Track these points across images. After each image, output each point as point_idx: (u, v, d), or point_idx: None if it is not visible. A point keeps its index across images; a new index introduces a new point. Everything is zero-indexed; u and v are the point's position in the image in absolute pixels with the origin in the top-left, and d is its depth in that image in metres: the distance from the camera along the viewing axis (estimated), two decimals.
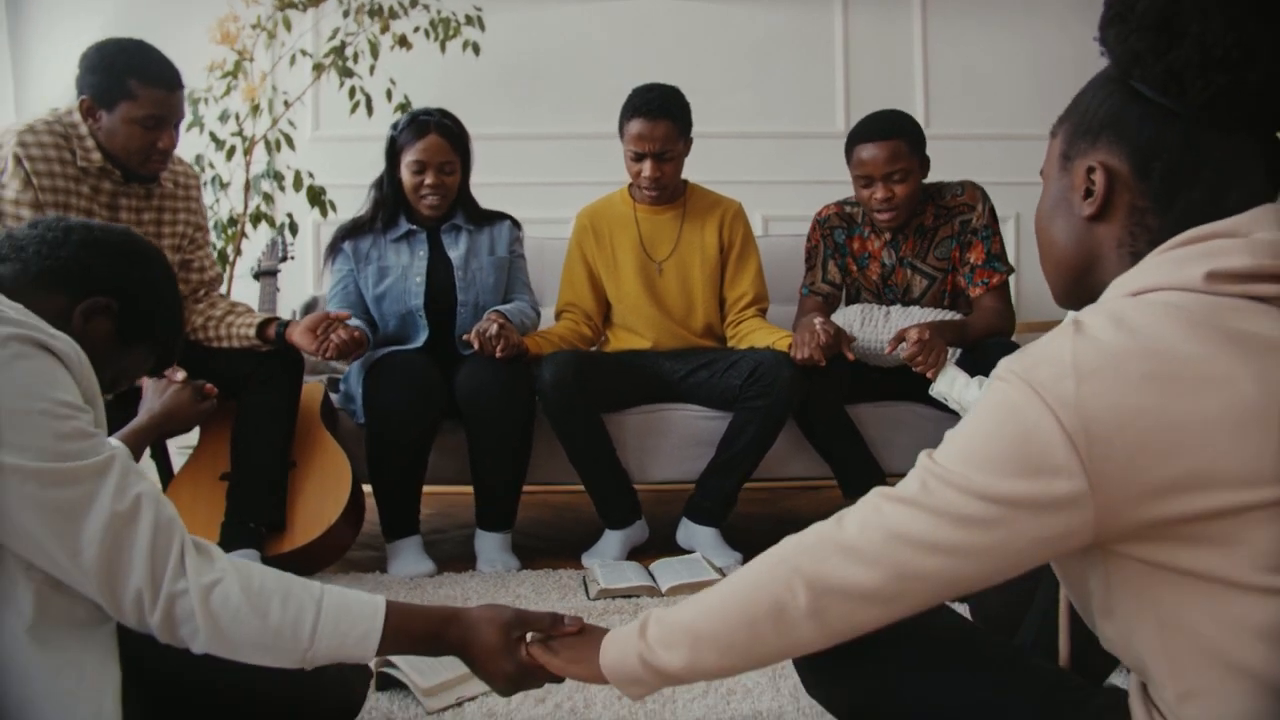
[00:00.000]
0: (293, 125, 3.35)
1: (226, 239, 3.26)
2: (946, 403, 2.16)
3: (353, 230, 2.54)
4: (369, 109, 3.22)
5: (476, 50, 3.29)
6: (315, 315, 2.23)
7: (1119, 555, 0.78)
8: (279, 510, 2.22)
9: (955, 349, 2.35)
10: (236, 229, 3.25)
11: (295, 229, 3.27)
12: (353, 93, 3.22)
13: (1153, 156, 0.81)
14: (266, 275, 2.74)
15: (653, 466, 2.52)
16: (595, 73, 3.62)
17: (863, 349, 2.45)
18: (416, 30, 3.22)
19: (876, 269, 2.60)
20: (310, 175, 3.29)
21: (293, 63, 3.27)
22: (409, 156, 2.45)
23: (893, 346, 2.30)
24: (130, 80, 2.02)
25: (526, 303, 2.59)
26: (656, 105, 2.45)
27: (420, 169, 2.45)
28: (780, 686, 1.52)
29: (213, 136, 3.21)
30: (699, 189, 2.67)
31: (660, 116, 2.44)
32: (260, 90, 3.20)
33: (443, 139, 2.45)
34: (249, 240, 3.27)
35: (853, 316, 2.53)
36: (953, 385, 2.14)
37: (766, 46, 3.76)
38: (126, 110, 2.02)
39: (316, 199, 3.29)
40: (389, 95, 3.25)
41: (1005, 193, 2.97)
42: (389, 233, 2.52)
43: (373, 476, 2.35)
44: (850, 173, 2.49)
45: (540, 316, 2.64)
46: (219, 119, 3.21)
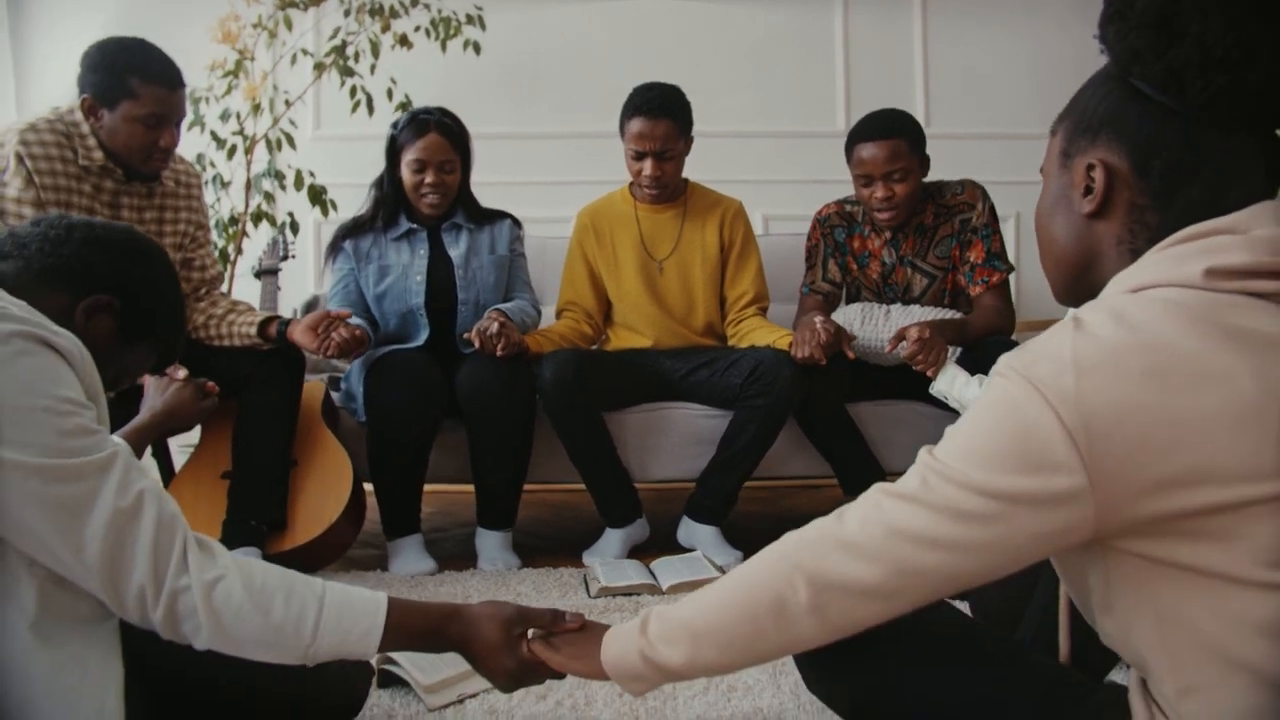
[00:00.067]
0: (293, 124, 3.35)
1: (227, 238, 3.26)
2: (947, 401, 2.16)
3: (353, 229, 2.55)
4: (370, 108, 3.22)
5: (477, 49, 3.29)
6: (316, 314, 2.23)
7: (1118, 551, 0.78)
8: (280, 508, 2.22)
9: (955, 347, 2.35)
10: (237, 228, 3.26)
11: (296, 228, 3.28)
12: (353, 92, 3.22)
13: (1152, 154, 0.82)
14: (267, 274, 2.74)
15: (653, 465, 2.52)
16: (596, 72, 3.62)
17: (863, 347, 2.46)
18: (417, 29, 3.22)
19: (877, 268, 2.60)
20: (311, 174, 3.29)
21: (294, 62, 3.27)
22: (409, 155, 2.45)
23: (893, 345, 2.30)
24: (132, 79, 2.02)
25: (527, 301, 2.59)
26: (657, 104, 2.45)
27: (420, 168, 2.45)
28: (781, 684, 1.52)
29: (214, 135, 3.21)
30: (699, 188, 2.67)
31: (661, 115, 2.44)
32: (261, 89, 3.20)
33: (443, 138, 2.45)
34: (250, 239, 3.27)
35: (853, 315, 2.53)
36: (953, 384, 2.14)
37: (767, 46, 3.76)
38: (128, 109, 2.03)
39: (317, 198, 3.29)
40: (390, 94, 3.25)
41: (1005, 192, 2.97)
42: (389, 232, 2.52)
43: (374, 475, 2.35)
44: (850, 172, 2.49)
45: (541, 315, 2.64)
46: (220, 118, 3.21)
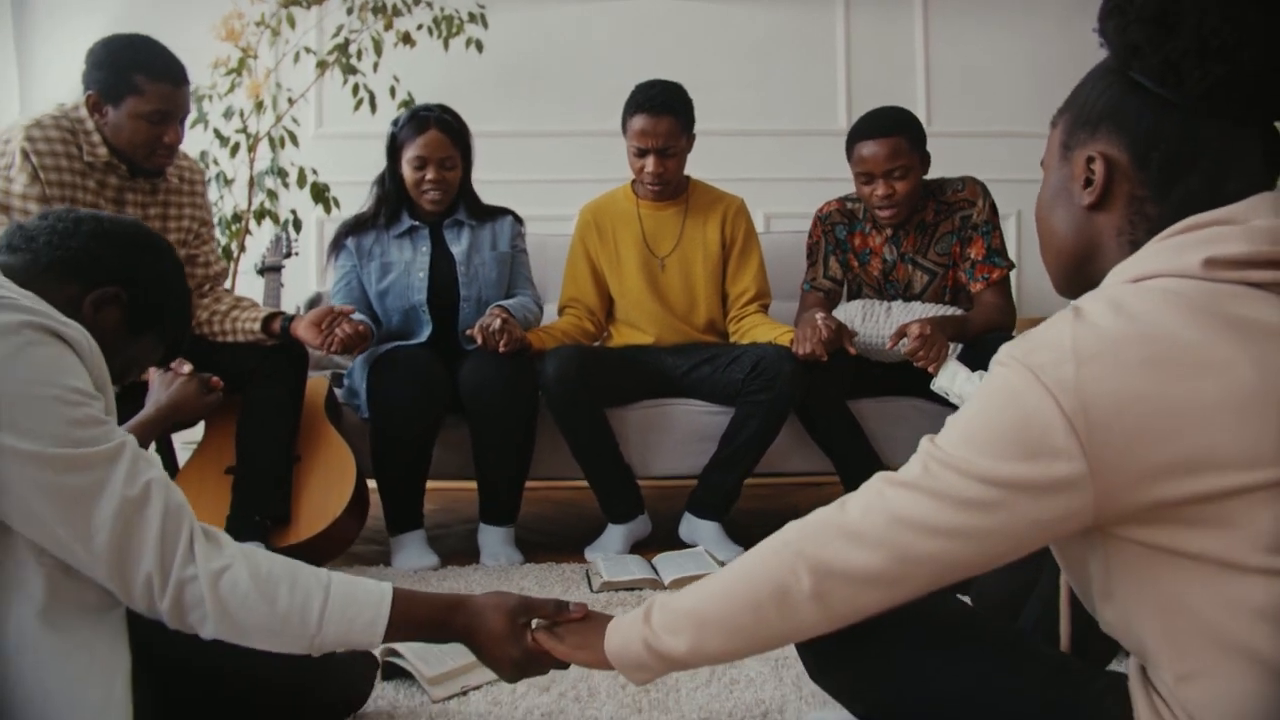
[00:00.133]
0: (296, 122, 3.36)
1: (230, 235, 3.27)
2: (948, 397, 2.17)
3: (356, 227, 2.55)
4: (372, 106, 3.23)
5: (480, 48, 3.30)
6: (320, 310, 2.24)
7: (1118, 538, 0.79)
8: (284, 503, 2.23)
9: (956, 344, 2.36)
10: (240, 225, 3.26)
11: (299, 226, 3.29)
12: (356, 90, 3.23)
13: (1151, 146, 0.82)
14: (271, 271, 2.75)
15: (655, 461, 2.53)
16: (598, 70, 3.63)
17: (864, 344, 2.46)
18: (420, 27, 3.23)
19: (878, 265, 2.60)
20: (314, 172, 3.30)
21: (296, 60, 3.28)
22: (410, 152, 2.46)
23: (894, 341, 2.31)
24: (136, 76, 2.03)
25: (529, 297, 2.59)
26: (659, 101, 2.45)
27: (421, 164, 2.46)
28: (783, 676, 1.53)
29: (217, 133, 3.22)
30: (701, 185, 2.68)
31: (663, 112, 2.45)
32: (264, 87, 3.21)
33: (443, 134, 2.46)
34: (252, 237, 3.28)
35: (854, 312, 2.53)
36: (954, 380, 2.14)
37: (768, 45, 3.76)
38: (133, 105, 2.03)
39: (320, 196, 3.30)
40: (392, 92, 3.25)
41: (1006, 190, 2.97)
42: (392, 229, 2.53)
43: (377, 471, 2.36)
44: (851, 169, 2.50)
45: (543, 311, 2.65)
46: (223, 116, 3.22)
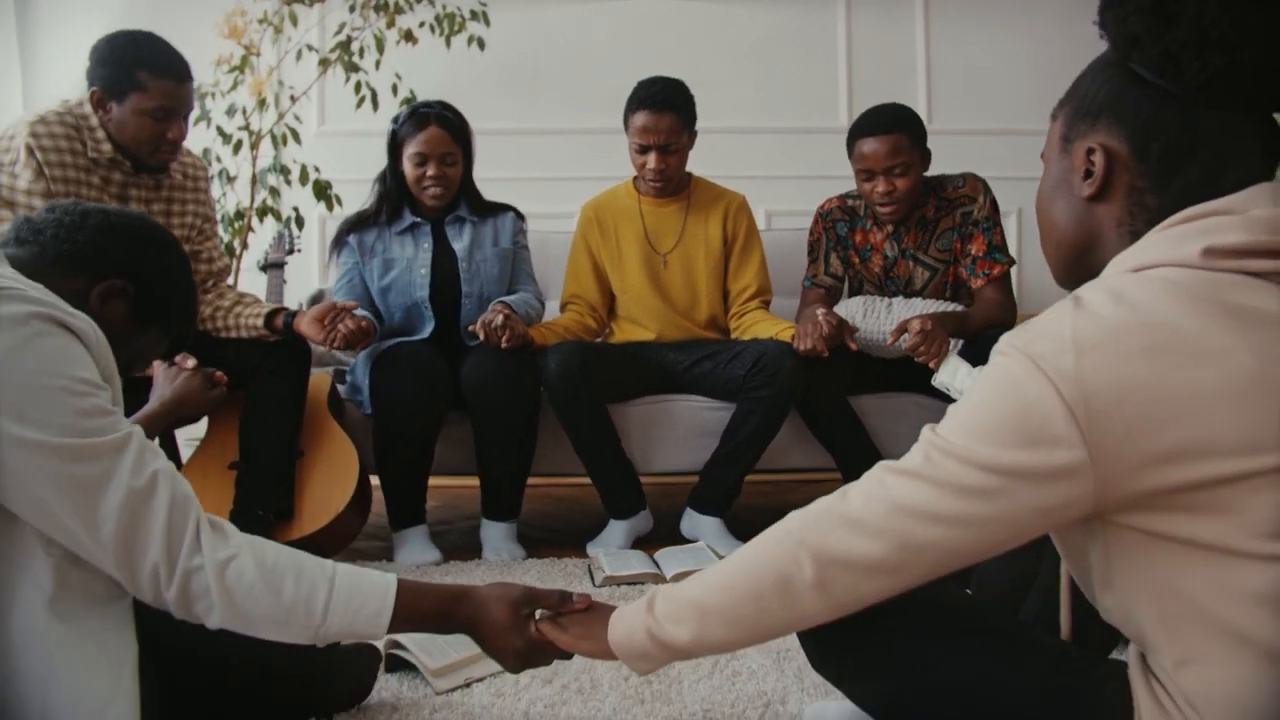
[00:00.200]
0: (299, 120, 3.37)
1: (233, 232, 3.27)
2: (949, 393, 2.17)
3: (357, 224, 2.56)
4: (374, 104, 3.23)
5: (482, 45, 3.30)
6: (323, 305, 2.24)
7: (1118, 525, 0.79)
8: (287, 499, 2.23)
9: (957, 340, 2.37)
10: (243, 223, 3.27)
11: (301, 223, 3.29)
12: (358, 88, 3.23)
13: (1151, 137, 0.83)
14: (273, 268, 2.75)
15: (657, 457, 2.53)
16: (599, 68, 3.63)
17: (865, 340, 2.47)
18: (422, 25, 3.23)
19: (879, 261, 2.61)
20: (316, 169, 3.31)
21: (299, 58, 3.28)
22: (410, 149, 2.47)
23: (895, 337, 2.32)
24: (140, 72, 2.03)
25: (531, 293, 2.60)
26: (661, 98, 2.46)
27: (422, 161, 2.46)
28: (784, 668, 1.53)
29: (219, 131, 3.23)
30: (703, 182, 2.68)
31: (665, 109, 2.45)
32: (267, 85, 3.21)
33: (443, 130, 2.46)
34: (255, 234, 3.29)
35: (855, 308, 2.54)
36: (955, 376, 2.15)
37: (769, 44, 3.77)
38: (136, 101, 2.04)
39: (322, 193, 3.31)
40: (394, 90, 3.26)
41: (1007, 187, 2.97)
42: (393, 225, 2.54)
43: (379, 467, 2.37)
44: (852, 166, 2.50)
45: (545, 307, 2.66)
46: (226, 113, 3.23)
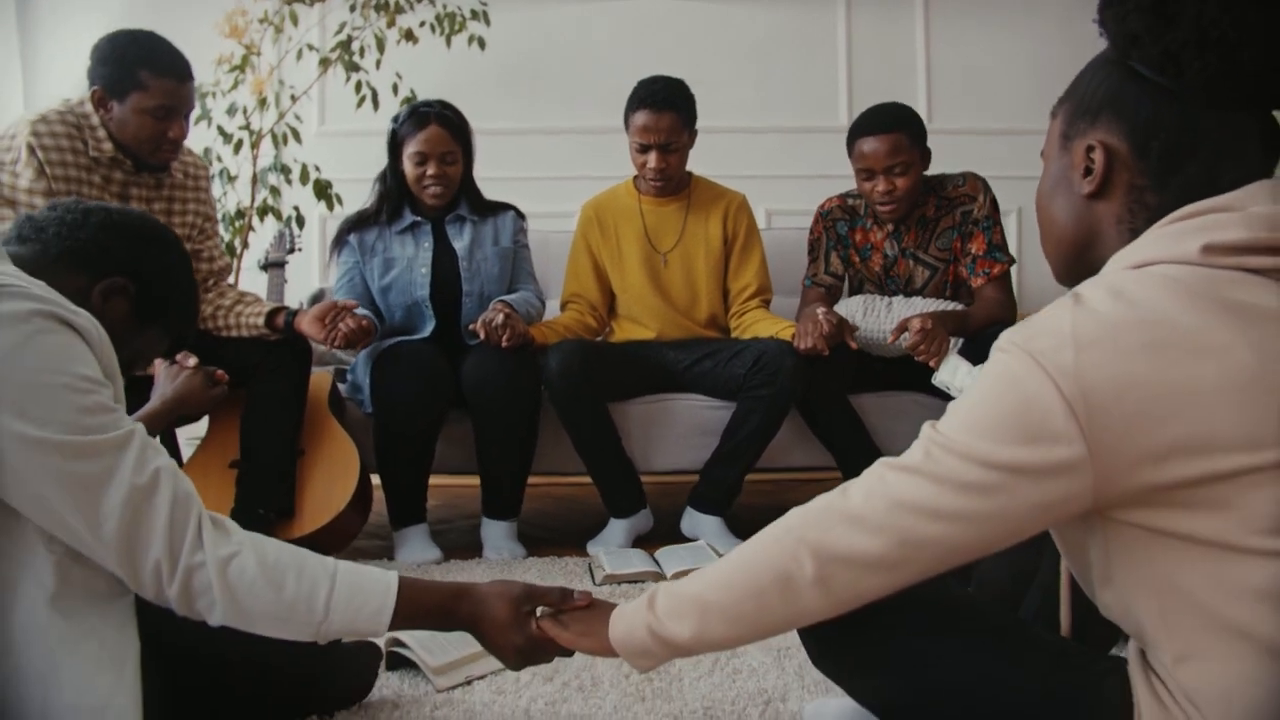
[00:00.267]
0: (299, 119, 3.37)
1: (234, 232, 3.28)
2: (949, 392, 2.17)
3: (358, 223, 2.56)
4: (375, 103, 3.23)
5: (482, 45, 3.31)
6: (324, 304, 2.25)
7: (1117, 522, 0.79)
8: (288, 497, 2.24)
9: (957, 339, 2.37)
10: (243, 222, 3.27)
11: (302, 222, 3.29)
12: (359, 87, 3.23)
13: (1151, 135, 0.83)
14: (274, 267, 2.75)
15: (657, 456, 2.53)
16: (600, 68, 3.63)
17: (865, 339, 2.47)
18: (422, 25, 3.23)
19: (879, 260, 2.61)
20: (317, 169, 3.31)
21: (299, 57, 3.29)
22: (410, 148, 2.47)
23: (895, 336, 2.32)
24: (141, 71, 2.04)
25: (531, 292, 2.60)
26: (662, 97, 2.46)
27: (422, 160, 2.47)
28: (785, 665, 1.54)
29: (220, 130, 3.23)
30: (703, 181, 2.68)
31: (665, 108, 2.45)
32: (267, 84, 3.22)
33: (443, 129, 2.47)
34: (255, 233, 3.29)
35: (855, 307, 2.54)
36: (955, 374, 2.15)
37: (769, 44, 3.77)
38: (137, 100, 2.04)
39: (323, 192, 3.31)
40: (395, 89, 3.26)
41: (1007, 186, 2.97)
42: (394, 225, 2.54)
43: (380, 466, 2.37)
44: (852, 166, 2.50)
45: (545, 306, 2.66)
46: (226, 113, 3.23)
